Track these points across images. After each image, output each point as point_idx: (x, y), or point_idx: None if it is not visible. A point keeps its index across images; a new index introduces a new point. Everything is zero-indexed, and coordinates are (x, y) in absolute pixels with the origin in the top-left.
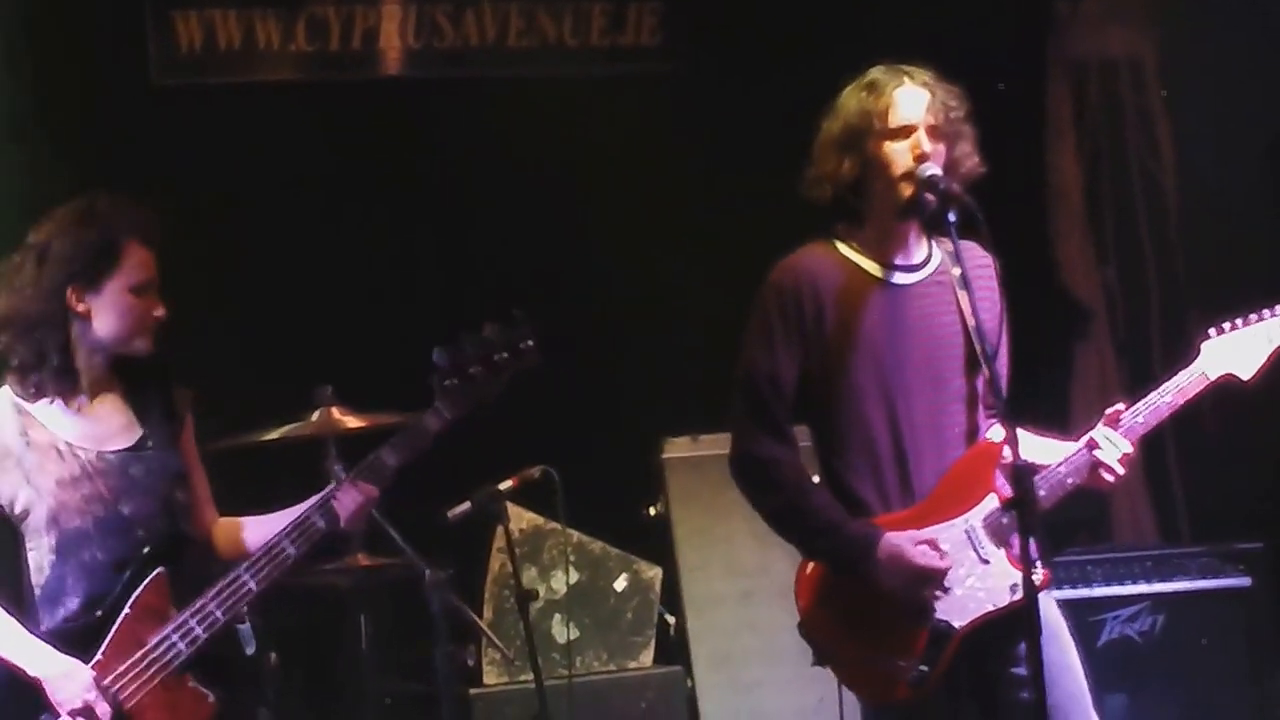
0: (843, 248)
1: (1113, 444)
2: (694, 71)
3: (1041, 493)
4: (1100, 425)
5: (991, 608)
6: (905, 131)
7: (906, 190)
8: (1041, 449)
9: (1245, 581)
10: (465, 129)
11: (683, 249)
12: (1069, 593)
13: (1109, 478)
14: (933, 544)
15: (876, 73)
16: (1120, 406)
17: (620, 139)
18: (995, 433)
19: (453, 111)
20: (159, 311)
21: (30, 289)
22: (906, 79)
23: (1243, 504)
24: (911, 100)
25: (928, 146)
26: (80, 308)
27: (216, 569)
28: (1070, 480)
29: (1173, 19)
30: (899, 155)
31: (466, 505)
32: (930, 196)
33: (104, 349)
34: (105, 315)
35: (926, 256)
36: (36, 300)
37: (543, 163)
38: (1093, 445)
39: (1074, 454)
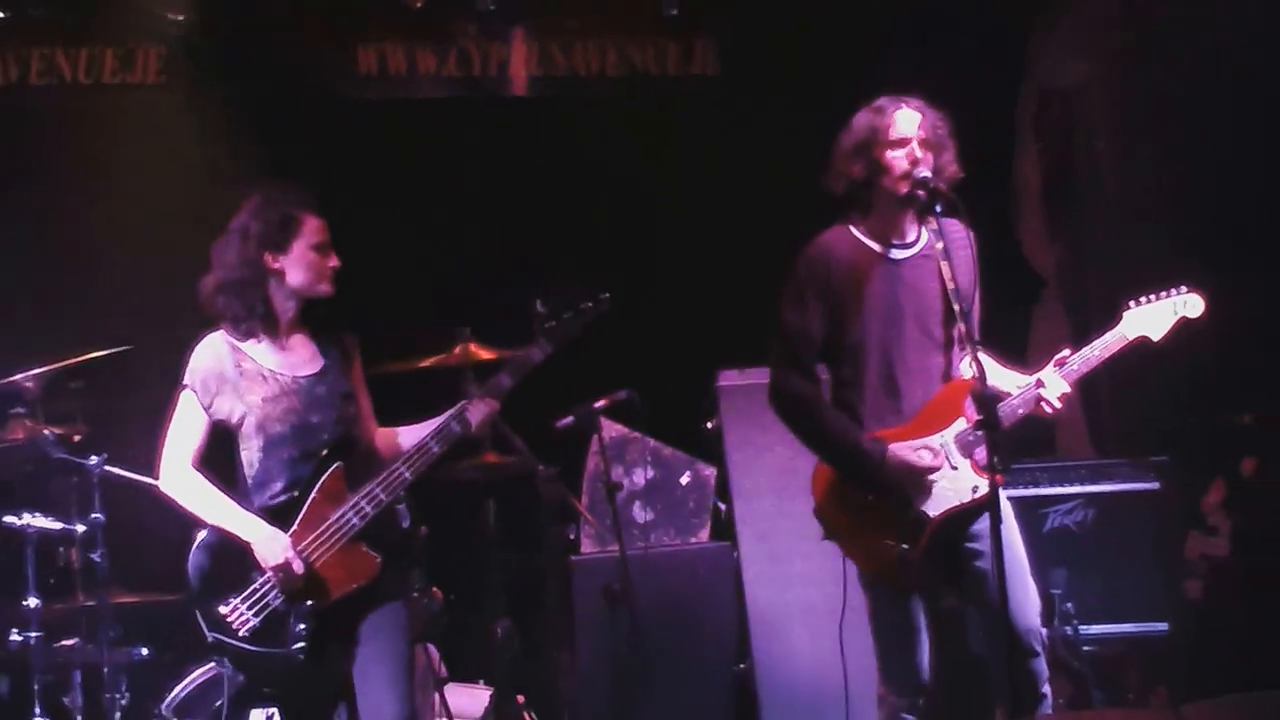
0: (855, 230)
1: (1054, 385)
2: (746, 95)
3: (1001, 417)
4: (1049, 367)
5: (958, 503)
6: (903, 143)
7: (904, 187)
8: (1004, 376)
9: (1155, 485)
10: (573, 135)
11: (734, 228)
12: (1022, 491)
13: (1048, 410)
14: (930, 449)
15: (882, 99)
16: (1066, 352)
17: (688, 145)
18: (966, 369)
19: (564, 123)
20: (334, 262)
21: (237, 260)
22: (904, 104)
23: (1155, 427)
24: (908, 120)
25: (920, 154)
26: (275, 266)
27: (378, 465)
28: (1021, 410)
29: (1119, 56)
30: (898, 161)
31: (570, 419)
32: (922, 192)
33: (296, 296)
34: (295, 269)
35: (917, 237)
36: (243, 268)
37: (630, 160)
38: (1040, 384)
39: (1025, 389)
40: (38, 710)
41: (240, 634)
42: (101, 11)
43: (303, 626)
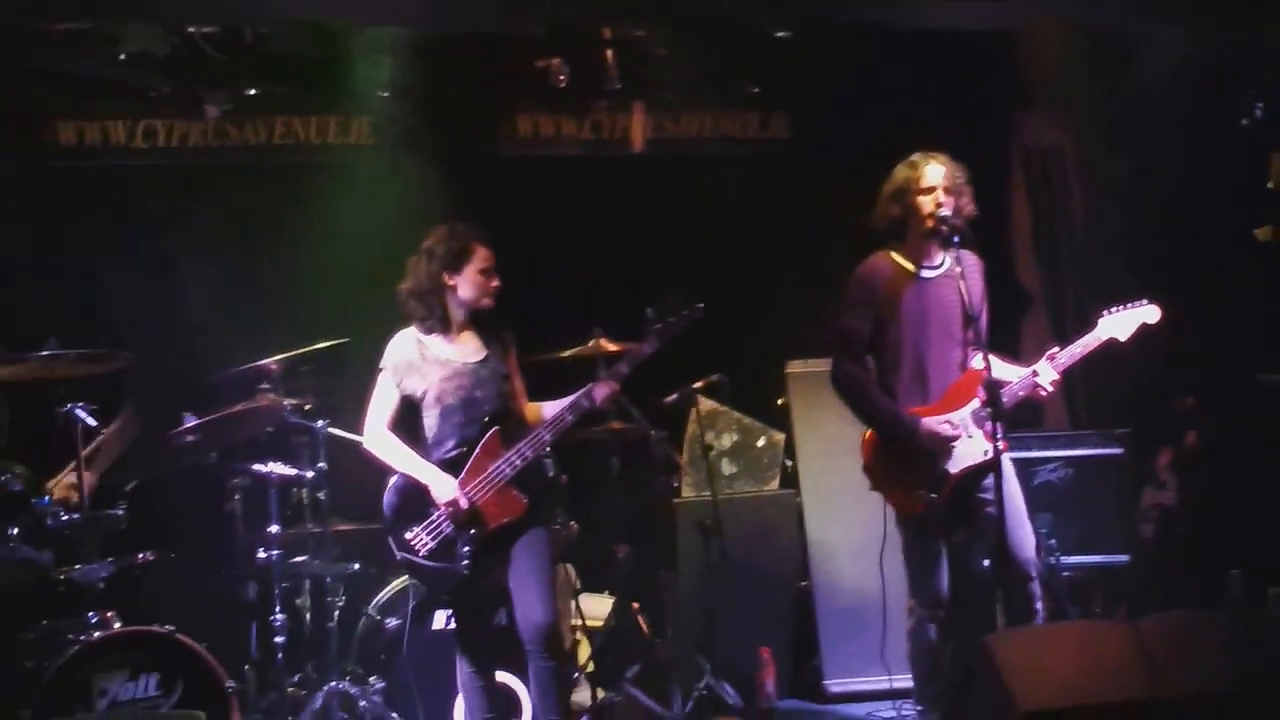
0: (894, 255)
1: (1046, 374)
2: (809, 154)
3: (1004, 399)
4: (1042, 360)
5: (972, 463)
6: (930, 190)
7: (930, 224)
8: (1006, 369)
9: (1119, 451)
10: (678, 183)
11: (797, 252)
12: (1017, 454)
13: (1042, 394)
14: (951, 423)
15: (915, 156)
16: (1055, 350)
17: (764, 191)
18: (977, 363)
19: (672, 173)
20: (496, 283)
21: (424, 274)
22: (932, 159)
23: (1119, 405)
24: (935, 171)
25: (943, 199)
26: (450, 283)
27: (526, 429)
28: (1020, 393)
29: (1085, 128)
30: (926, 204)
31: (675, 395)
32: (944, 228)
33: (464, 306)
34: (465, 287)
35: (941, 261)
36: (428, 280)
37: (721, 202)
38: (1035, 374)
39: (1024, 378)
40: (278, 609)
41: (420, 554)
42: (326, 89)
43: (468, 549)
